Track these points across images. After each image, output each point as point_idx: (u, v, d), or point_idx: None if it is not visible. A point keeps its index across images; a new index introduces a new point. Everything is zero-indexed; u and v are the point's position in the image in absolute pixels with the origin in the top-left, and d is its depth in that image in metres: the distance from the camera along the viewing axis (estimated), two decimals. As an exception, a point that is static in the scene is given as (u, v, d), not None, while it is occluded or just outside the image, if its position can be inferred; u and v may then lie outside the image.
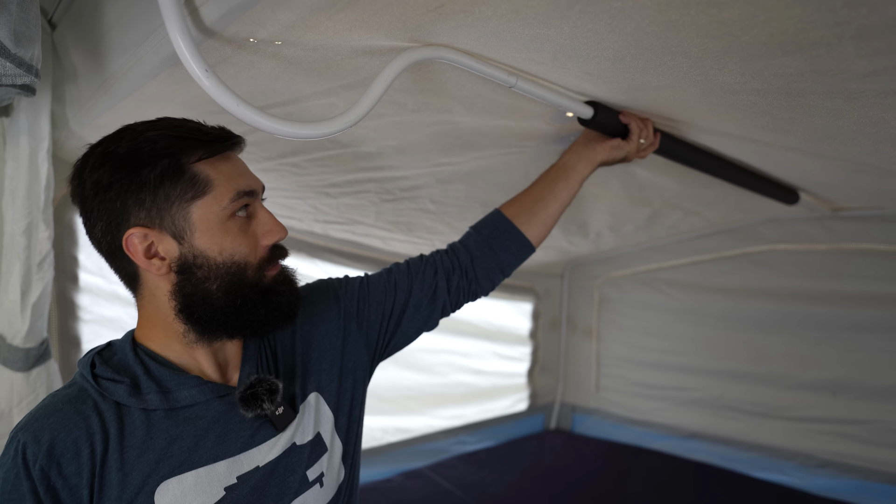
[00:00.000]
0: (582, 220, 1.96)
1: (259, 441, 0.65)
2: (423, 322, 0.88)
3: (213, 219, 0.60)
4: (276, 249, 0.66)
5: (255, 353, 0.71)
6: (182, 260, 0.60)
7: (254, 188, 0.64)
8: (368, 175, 1.32)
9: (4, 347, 1.14)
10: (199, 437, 0.62)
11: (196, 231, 0.60)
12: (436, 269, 0.88)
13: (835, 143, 1.04)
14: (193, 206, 0.59)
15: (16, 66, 0.78)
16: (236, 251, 0.61)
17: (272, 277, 0.65)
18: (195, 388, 0.63)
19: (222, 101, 0.61)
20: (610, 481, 2.34)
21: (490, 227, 0.92)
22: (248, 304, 0.62)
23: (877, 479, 1.96)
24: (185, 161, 0.59)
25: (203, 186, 0.60)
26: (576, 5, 0.59)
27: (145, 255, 0.60)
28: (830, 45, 0.60)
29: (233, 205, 0.61)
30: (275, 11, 0.61)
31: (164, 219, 0.59)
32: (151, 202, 0.59)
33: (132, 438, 0.59)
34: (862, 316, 2.00)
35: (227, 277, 0.61)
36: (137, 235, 0.59)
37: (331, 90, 0.85)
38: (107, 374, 0.61)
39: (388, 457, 2.27)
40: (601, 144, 0.96)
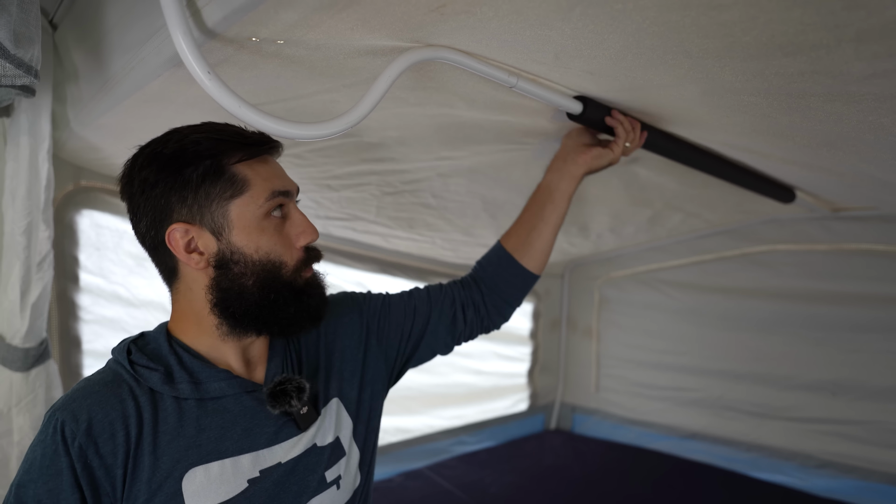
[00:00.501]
0: (583, 221, 1.96)
1: (282, 438, 0.68)
2: (439, 347, 0.92)
3: (250, 217, 0.64)
4: (310, 252, 0.69)
5: (282, 353, 0.73)
6: (220, 255, 0.64)
7: (289, 189, 0.67)
8: (370, 167, 1.33)
9: (4, 347, 1.14)
10: (226, 429, 0.64)
11: (234, 228, 0.63)
12: (453, 300, 0.92)
13: (834, 150, 1.05)
14: (232, 204, 0.63)
15: (15, 66, 0.78)
16: (272, 250, 0.65)
17: (305, 280, 0.68)
18: (224, 382, 0.65)
19: (224, 102, 0.61)
20: (610, 481, 2.34)
21: (494, 264, 0.96)
22: (280, 300, 0.65)
23: (877, 480, 1.96)
24: (226, 162, 0.63)
25: (241, 186, 0.63)
26: (577, 7, 0.59)
27: (186, 249, 0.63)
28: (830, 47, 0.61)
29: (268, 203, 0.64)
30: (277, 11, 0.61)
31: (204, 215, 0.63)
32: (193, 199, 0.62)
33: (164, 424, 0.61)
34: (862, 316, 2.00)
35: (262, 274, 0.64)
36: (179, 230, 0.62)
37: (333, 89, 0.85)
38: (142, 361, 0.63)
39: (388, 457, 2.28)
40: (581, 157, 0.96)
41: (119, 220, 1.48)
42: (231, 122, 0.67)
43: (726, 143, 1.10)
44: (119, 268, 1.48)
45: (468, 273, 1.00)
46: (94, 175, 1.41)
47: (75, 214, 1.39)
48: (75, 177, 1.38)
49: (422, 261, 2.34)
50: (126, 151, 0.67)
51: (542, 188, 0.97)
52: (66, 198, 1.37)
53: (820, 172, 1.24)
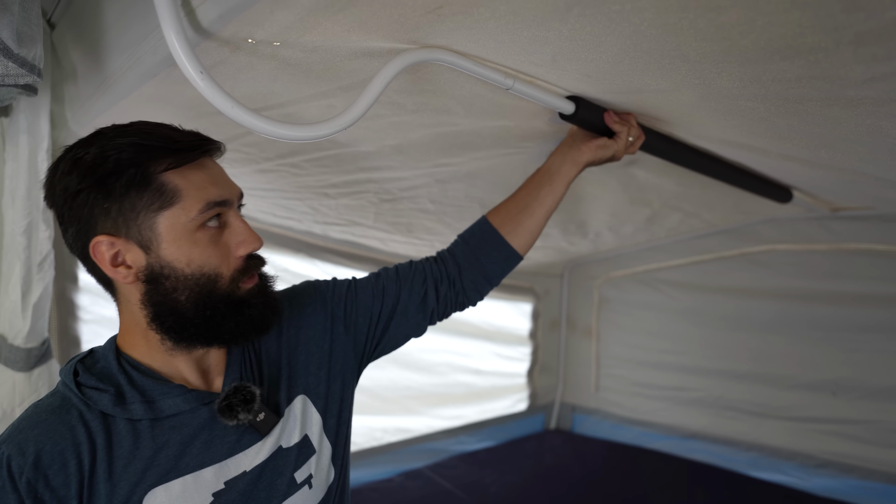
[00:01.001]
0: (581, 219, 1.95)
1: (245, 446, 0.65)
2: (412, 328, 0.87)
3: (181, 230, 0.59)
4: (251, 260, 0.65)
5: (240, 359, 0.70)
6: (149, 269, 0.60)
7: (226, 198, 0.62)
8: (367, 175, 1.32)
9: (6, 348, 1.14)
10: (185, 445, 0.62)
11: (163, 242, 0.59)
12: (425, 277, 0.87)
13: (832, 151, 1.04)
14: (160, 217, 0.58)
15: (19, 66, 0.78)
16: (205, 263, 0.60)
17: (246, 290, 0.64)
18: (179, 398, 0.62)
19: (217, 102, 0.60)
20: (610, 481, 2.34)
21: (477, 237, 0.91)
22: (216, 316, 0.62)
23: (877, 479, 1.96)
24: (153, 170, 0.58)
25: (170, 197, 0.58)
26: (574, 8, 0.59)
27: (112, 263, 0.59)
28: (828, 50, 0.60)
29: (201, 216, 0.60)
30: (273, 12, 0.61)
31: (130, 228, 0.58)
32: (118, 211, 0.58)
33: (119, 448, 0.59)
34: (862, 316, 2.00)
35: (195, 289, 0.60)
36: (104, 243, 0.58)
37: (329, 91, 0.85)
38: (90, 382, 0.60)
39: (388, 457, 2.28)
40: (586, 144, 0.93)
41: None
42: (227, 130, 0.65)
43: (724, 142, 1.10)
44: (118, 268, 1.48)
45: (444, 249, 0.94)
46: (94, 175, 1.41)
47: (74, 214, 1.39)
48: (74, 177, 1.38)
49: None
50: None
51: (542, 170, 0.94)
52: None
53: (818, 169, 1.24)
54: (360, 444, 2.20)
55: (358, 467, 2.16)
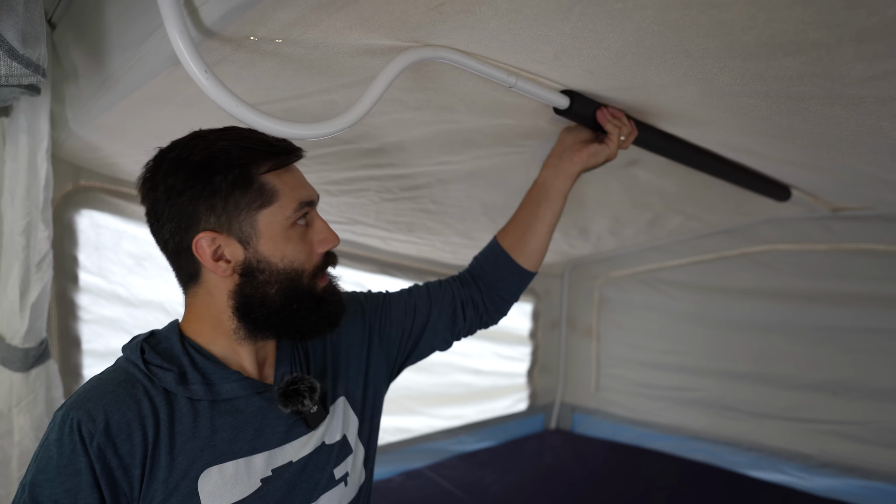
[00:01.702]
0: (583, 224, 1.96)
1: (293, 437, 0.69)
2: (438, 344, 0.93)
3: (278, 227, 0.64)
4: (328, 257, 0.70)
5: (290, 354, 0.75)
6: (246, 264, 0.64)
7: (313, 198, 0.68)
8: (369, 172, 1.32)
9: (3, 347, 1.14)
10: (239, 430, 0.65)
11: (261, 238, 0.64)
12: (453, 297, 0.93)
13: (833, 152, 1.04)
14: (260, 215, 0.63)
15: (23, 66, 0.78)
16: (296, 258, 0.66)
17: (323, 287, 0.69)
18: (236, 383, 0.66)
19: (221, 101, 0.61)
20: (610, 481, 2.34)
21: (491, 263, 0.97)
22: (302, 309, 0.67)
23: (877, 479, 1.96)
24: (255, 171, 0.63)
25: (270, 196, 0.64)
26: (576, 6, 0.59)
27: (213, 257, 0.63)
28: (830, 46, 0.60)
29: (295, 214, 0.65)
30: (275, 10, 0.61)
31: (232, 224, 0.63)
32: (222, 209, 0.62)
33: (180, 425, 0.62)
34: (862, 316, 2.00)
35: (285, 283, 0.65)
36: (206, 239, 0.62)
37: (331, 88, 0.85)
38: (156, 361, 0.63)
39: (388, 457, 2.28)
40: (578, 154, 0.94)
41: (118, 219, 1.47)
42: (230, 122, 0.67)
43: (725, 144, 1.10)
44: (118, 267, 1.48)
45: (466, 269, 1.00)
46: (93, 175, 1.41)
47: (74, 214, 1.39)
48: (74, 176, 1.38)
49: (421, 262, 2.34)
50: (125, 150, 0.67)
51: (537, 186, 0.97)
52: (65, 197, 1.36)
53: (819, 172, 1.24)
54: (361, 445, 2.20)
55: (358, 468, 2.15)
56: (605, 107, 0.93)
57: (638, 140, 1.02)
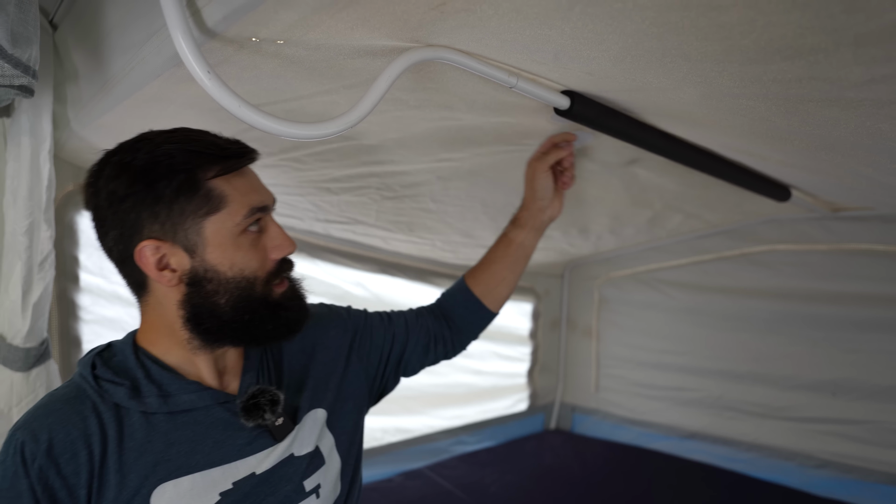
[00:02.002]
0: (583, 223, 1.96)
1: (256, 449, 0.66)
2: (408, 373, 0.95)
3: (226, 234, 0.61)
4: (283, 263, 0.67)
5: (257, 363, 0.71)
6: (193, 273, 0.61)
7: (266, 203, 0.65)
8: (370, 170, 1.33)
9: (4, 347, 1.14)
10: (197, 442, 0.63)
11: (208, 246, 0.61)
12: (428, 330, 0.96)
13: (832, 153, 1.05)
14: (207, 222, 0.60)
15: (13, 66, 0.78)
16: (246, 266, 0.63)
17: (280, 293, 0.66)
18: (195, 394, 0.64)
19: (224, 102, 0.61)
20: (610, 481, 2.34)
21: (462, 307, 1.00)
22: (256, 319, 0.64)
23: (877, 480, 1.96)
24: (202, 177, 0.60)
25: (217, 202, 0.61)
26: (577, 6, 0.59)
27: (157, 266, 0.61)
28: (828, 51, 0.61)
29: (245, 221, 0.62)
30: (277, 11, 0.61)
31: (177, 232, 0.60)
32: (166, 216, 0.59)
33: (131, 440, 0.60)
34: (862, 316, 2.00)
35: (235, 292, 0.62)
36: (150, 247, 0.60)
37: (333, 90, 0.86)
38: (107, 375, 0.61)
39: (388, 457, 2.28)
40: (552, 208, 1.01)
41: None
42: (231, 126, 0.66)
43: (725, 145, 1.10)
44: (119, 268, 1.48)
45: (435, 304, 1.02)
46: (95, 175, 1.41)
47: (75, 214, 1.39)
48: (75, 177, 1.38)
49: (421, 261, 2.34)
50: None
51: (515, 245, 1.00)
52: (67, 198, 1.37)
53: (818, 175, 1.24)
54: (361, 445, 2.20)
55: (358, 467, 2.15)
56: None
57: (638, 140, 1.02)
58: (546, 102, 0.88)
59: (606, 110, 0.94)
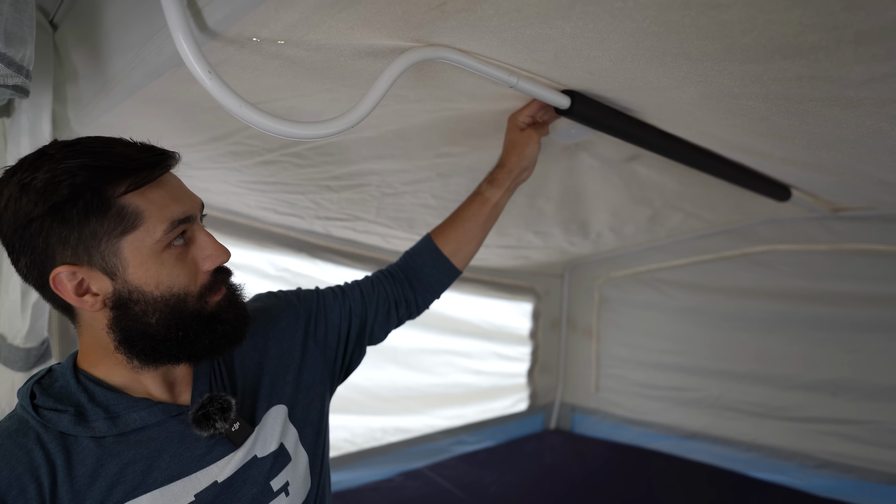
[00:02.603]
0: (583, 219, 1.96)
1: (216, 457, 0.64)
2: (374, 341, 0.93)
3: (147, 252, 0.57)
4: (218, 273, 0.63)
5: (208, 371, 0.69)
6: (117, 296, 0.57)
7: (189, 213, 0.60)
8: (370, 166, 1.32)
9: (5, 347, 1.14)
10: (153, 459, 0.60)
11: (129, 266, 0.57)
12: (387, 297, 0.92)
13: (833, 152, 1.05)
14: (124, 242, 0.56)
15: (5, 66, 0.77)
16: (174, 283, 0.58)
17: (216, 304, 0.62)
18: (145, 411, 0.61)
19: (225, 102, 0.61)
20: (610, 481, 2.34)
21: (430, 266, 0.97)
22: (189, 335, 0.60)
23: (877, 480, 1.96)
24: (111, 194, 0.55)
25: (133, 220, 0.56)
26: (577, 5, 0.59)
27: (76, 292, 0.57)
28: (829, 49, 0.61)
29: (167, 236, 0.58)
30: (278, 11, 0.61)
31: (92, 255, 0.56)
32: (77, 240, 0.55)
33: (81, 467, 0.57)
34: (862, 316, 2.00)
35: (166, 310, 0.59)
36: (66, 273, 0.56)
37: (334, 89, 0.86)
38: (48, 404, 0.58)
39: (388, 457, 2.28)
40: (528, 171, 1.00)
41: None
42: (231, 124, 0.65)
43: (725, 144, 1.10)
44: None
45: (396, 264, 0.99)
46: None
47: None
48: (76, 177, 1.38)
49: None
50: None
51: (490, 204, 0.98)
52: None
53: (819, 172, 1.24)
54: (360, 445, 2.20)
55: (358, 467, 2.16)
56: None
57: (638, 139, 1.03)
58: (546, 102, 0.88)
59: (607, 109, 0.95)
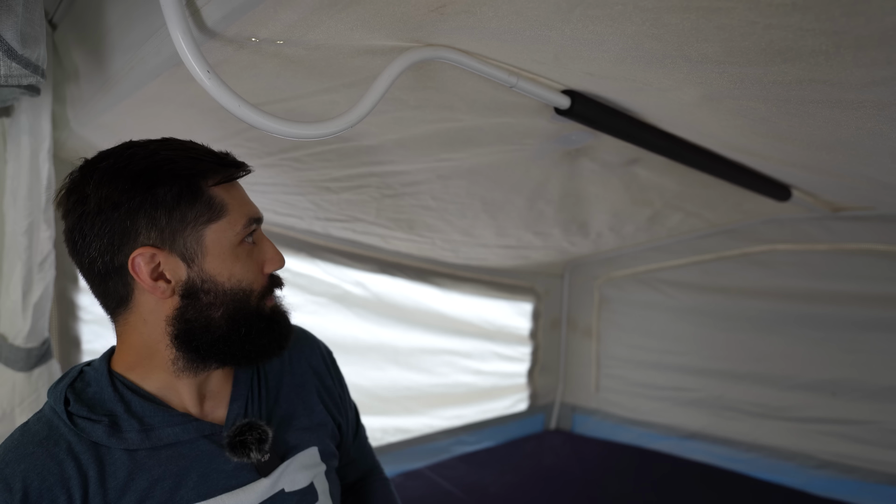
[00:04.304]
0: (583, 219, 1.96)
1: (242, 482, 0.64)
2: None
3: (226, 244, 0.60)
4: (274, 279, 0.66)
5: (246, 391, 0.69)
6: (189, 283, 0.59)
7: (259, 216, 0.65)
8: (370, 169, 1.33)
9: (6, 347, 1.14)
10: (182, 477, 0.60)
11: (208, 255, 0.59)
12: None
13: (833, 153, 1.05)
14: (207, 230, 0.59)
15: (22, 66, 0.78)
16: (244, 277, 0.61)
17: (271, 308, 0.65)
18: (179, 427, 0.61)
19: (224, 101, 0.61)
20: (610, 481, 2.34)
21: None
22: (252, 332, 0.62)
23: (876, 480, 1.96)
24: (203, 184, 0.59)
25: (219, 210, 0.59)
26: (577, 7, 0.59)
27: (151, 276, 0.58)
28: (829, 53, 0.61)
29: (244, 230, 0.61)
30: (276, 11, 0.61)
31: (175, 240, 0.58)
32: (166, 223, 0.57)
33: (113, 480, 0.57)
34: (862, 316, 2.00)
35: (231, 304, 0.61)
36: (145, 256, 0.57)
37: (332, 88, 0.86)
38: (82, 412, 0.58)
39: (388, 457, 2.28)
40: None
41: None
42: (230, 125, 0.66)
43: (725, 144, 1.10)
44: (119, 267, 1.48)
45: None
46: (95, 175, 1.41)
47: (76, 214, 1.39)
48: (76, 176, 1.38)
49: (421, 261, 2.34)
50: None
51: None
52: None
53: (819, 174, 1.25)
54: (361, 445, 2.20)
55: (358, 467, 2.15)
56: None
57: (638, 140, 1.02)
58: (546, 102, 0.88)
59: (607, 110, 0.94)
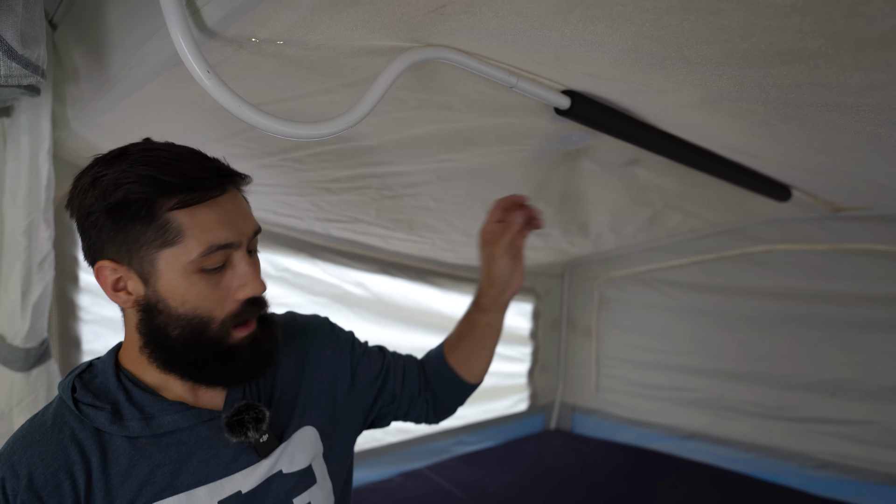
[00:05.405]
0: (583, 220, 1.96)
1: (242, 465, 0.65)
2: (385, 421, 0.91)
3: (179, 269, 0.58)
4: (249, 305, 0.62)
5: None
6: (146, 300, 0.60)
7: (232, 240, 0.60)
8: (370, 170, 1.33)
9: (5, 347, 1.14)
10: (182, 463, 0.62)
11: (160, 278, 0.58)
12: (412, 400, 0.91)
13: (832, 156, 1.05)
14: (161, 254, 0.57)
15: (22, 66, 0.78)
16: (199, 305, 0.59)
17: (238, 338, 0.62)
18: (178, 414, 0.62)
19: (224, 101, 0.61)
20: (610, 481, 2.34)
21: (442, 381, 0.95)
22: (199, 361, 0.61)
23: (876, 480, 1.96)
24: (160, 206, 0.56)
25: (173, 236, 0.57)
26: (577, 8, 0.59)
27: (113, 287, 0.60)
28: (828, 55, 0.60)
29: (202, 259, 0.58)
30: (276, 11, 0.61)
31: (132, 258, 0.58)
32: (122, 241, 0.57)
33: (115, 466, 0.59)
34: (862, 316, 2.00)
35: (187, 328, 0.60)
36: (108, 268, 0.59)
37: (332, 88, 0.86)
38: (87, 399, 0.60)
39: (388, 457, 2.28)
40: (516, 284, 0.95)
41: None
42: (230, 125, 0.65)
43: (725, 145, 1.10)
44: (119, 267, 1.48)
45: (423, 379, 0.95)
46: (95, 175, 1.41)
47: (75, 214, 1.39)
48: (75, 176, 1.38)
49: (422, 261, 2.34)
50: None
51: (480, 326, 0.96)
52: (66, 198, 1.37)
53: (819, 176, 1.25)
54: (360, 445, 2.18)
55: (358, 467, 2.15)
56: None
57: (638, 140, 1.02)
58: (546, 102, 0.88)
59: (607, 110, 0.94)
